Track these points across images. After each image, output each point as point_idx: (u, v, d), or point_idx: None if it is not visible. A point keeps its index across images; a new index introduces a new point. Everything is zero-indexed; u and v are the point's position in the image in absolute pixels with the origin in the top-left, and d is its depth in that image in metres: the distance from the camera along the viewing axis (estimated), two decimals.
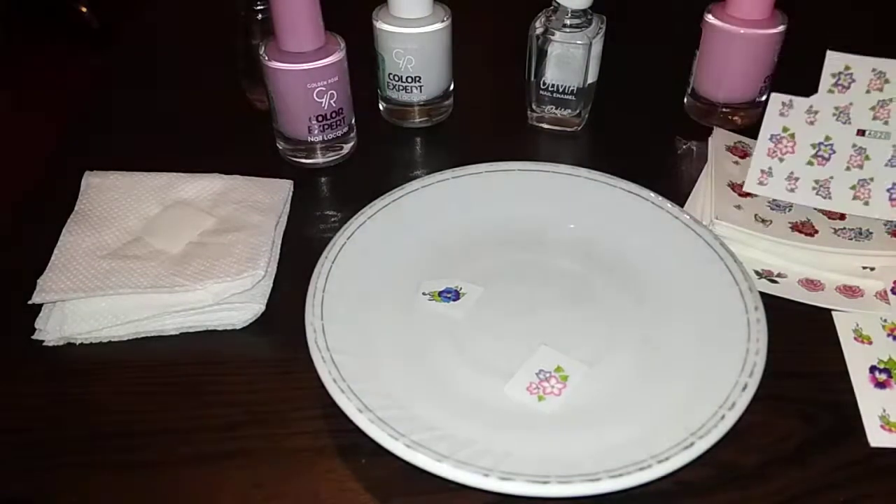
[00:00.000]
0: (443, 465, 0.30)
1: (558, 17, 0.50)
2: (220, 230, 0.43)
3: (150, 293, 0.39)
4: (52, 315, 0.38)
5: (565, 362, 0.37)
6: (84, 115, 0.57)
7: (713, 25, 0.51)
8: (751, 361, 0.34)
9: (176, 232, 0.42)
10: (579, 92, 0.52)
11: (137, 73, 0.63)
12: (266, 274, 0.40)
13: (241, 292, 0.39)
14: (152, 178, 0.46)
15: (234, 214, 0.44)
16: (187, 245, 0.42)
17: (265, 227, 0.43)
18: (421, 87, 0.52)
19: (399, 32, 0.50)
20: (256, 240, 0.42)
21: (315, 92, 0.47)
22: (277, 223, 0.44)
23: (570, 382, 0.36)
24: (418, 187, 0.45)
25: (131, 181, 0.46)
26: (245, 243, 0.41)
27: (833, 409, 0.36)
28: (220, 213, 0.44)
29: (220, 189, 0.46)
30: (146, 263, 0.40)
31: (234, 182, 0.46)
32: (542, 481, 0.30)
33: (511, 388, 0.36)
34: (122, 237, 0.42)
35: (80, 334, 0.38)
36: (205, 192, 0.46)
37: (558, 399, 0.35)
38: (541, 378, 0.36)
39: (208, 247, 0.41)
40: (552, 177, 0.46)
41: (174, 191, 0.46)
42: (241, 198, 0.45)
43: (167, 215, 0.44)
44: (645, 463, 0.30)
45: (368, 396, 0.33)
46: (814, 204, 0.43)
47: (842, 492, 0.33)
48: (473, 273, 0.42)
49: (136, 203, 0.44)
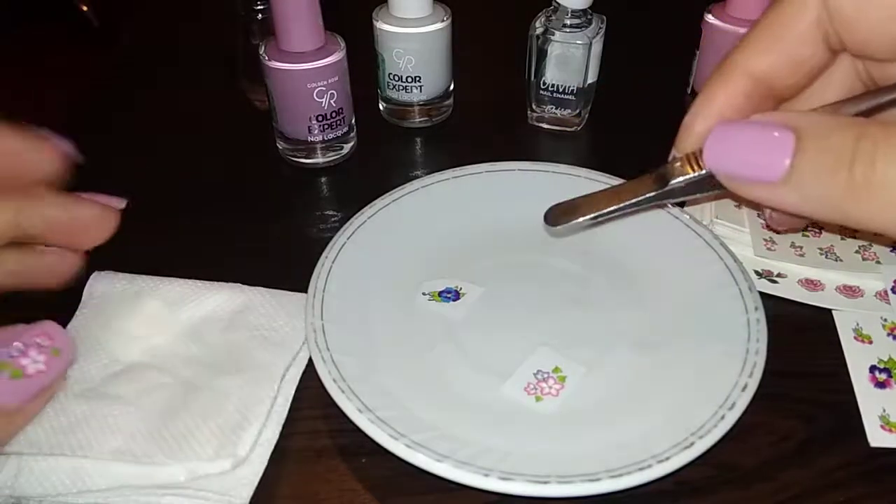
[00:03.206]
0: (443, 465, 0.30)
1: (558, 17, 0.50)
2: (219, 366, 0.36)
3: (115, 464, 0.32)
4: (6, 466, 0.31)
5: (563, 363, 0.37)
6: (84, 115, 0.57)
7: (713, 25, 0.51)
8: (751, 361, 0.34)
9: (172, 364, 0.36)
10: (579, 92, 0.52)
11: (137, 73, 0.63)
12: (248, 457, 0.32)
13: (219, 473, 0.32)
14: (166, 287, 0.39)
15: (243, 345, 0.37)
16: (179, 385, 0.35)
17: (272, 372, 0.35)
18: (421, 87, 0.52)
19: (399, 32, 0.50)
20: (255, 392, 0.34)
21: (315, 92, 0.47)
22: (290, 364, 0.36)
23: (567, 383, 0.36)
24: (418, 187, 0.45)
25: (140, 290, 0.39)
26: (240, 396, 0.34)
27: (833, 409, 0.36)
28: (229, 338, 0.37)
29: (240, 306, 0.39)
30: (125, 409, 0.33)
31: (257, 298, 0.39)
32: (542, 481, 0.30)
33: (509, 387, 0.36)
34: (110, 366, 0.36)
35: (32, 497, 0.31)
36: (221, 310, 0.38)
37: (556, 400, 0.35)
38: (539, 378, 0.36)
39: (199, 394, 0.34)
40: (552, 177, 0.46)
41: (187, 307, 0.38)
42: (259, 322, 0.38)
43: (167, 343, 0.37)
44: (645, 463, 0.30)
45: (368, 396, 0.33)
46: (827, 267, 0.42)
47: (842, 492, 0.33)
48: (473, 273, 0.42)
49: (139, 324, 0.38)
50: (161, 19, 0.71)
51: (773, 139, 0.25)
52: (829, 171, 0.24)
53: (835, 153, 0.24)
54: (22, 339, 0.31)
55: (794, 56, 0.29)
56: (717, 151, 0.28)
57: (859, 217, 0.24)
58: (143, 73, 0.63)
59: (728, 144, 0.27)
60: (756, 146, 0.26)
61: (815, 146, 0.25)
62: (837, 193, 0.24)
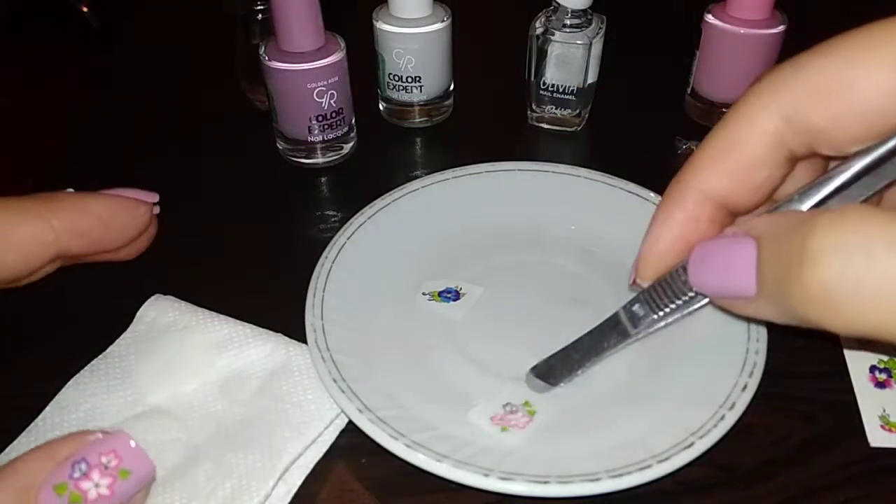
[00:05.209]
0: (443, 465, 0.30)
1: (558, 17, 0.50)
2: (233, 437, 0.33)
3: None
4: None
5: (534, 397, 0.35)
6: (84, 115, 0.57)
7: (713, 25, 0.51)
8: (751, 361, 0.34)
9: (192, 419, 0.34)
10: (579, 92, 0.52)
11: (137, 73, 0.63)
12: None
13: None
14: (215, 326, 0.37)
15: (265, 418, 0.34)
16: (188, 449, 0.33)
17: (280, 459, 0.32)
18: (421, 87, 0.52)
19: (399, 32, 0.50)
20: (252, 484, 0.31)
21: (315, 92, 0.47)
22: (301, 454, 0.33)
23: (536, 418, 0.34)
24: (418, 187, 0.45)
25: (188, 325, 0.37)
26: (236, 485, 0.31)
27: (833, 409, 0.36)
28: (255, 405, 0.35)
29: (278, 366, 0.36)
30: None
31: (297, 360, 0.36)
32: (542, 481, 0.30)
33: (475, 416, 0.34)
34: (132, 405, 0.35)
35: None
36: (258, 366, 0.36)
37: (522, 432, 0.33)
38: (507, 410, 0.34)
39: (201, 467, 0.32)
40: (552, 177, 0.46)
41: (229, 353, 0.37)
42: (289, 392, 0.35)
43: (195, 392, 0.35)
44: (645, 463, 0.30)
45: (368, 396, 0.33)
46: None
47: (842, 492, 0.33)
48: (473, 273, 0.42)
49: (174, 364, 0.36)
50: (161, 19, 0.71)
51: (740, 252, 0.24)
52: (784, 279, 0.21)
53: (785, 259, 0.21)
54: (88, 457, 0.27)
55: (749, 181, 0.26)
56: (697, 273, 0.26)
57: (834, 326, 0.21)
58: (142, 73, 0.63)
59: (705, 265, 0.26)
60: (727, 262, 0.24)
61: (770, 254, 0.23)
62: (799, 303, 0.21)
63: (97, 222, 0.31)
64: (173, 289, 0.39)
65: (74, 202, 0.31)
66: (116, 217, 0.32)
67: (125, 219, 0.32)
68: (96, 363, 0.36)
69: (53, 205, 0.30)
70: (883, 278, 0.19)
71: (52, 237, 0.29)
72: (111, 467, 0.28)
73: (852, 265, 0.19)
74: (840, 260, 0.20)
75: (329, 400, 0.34)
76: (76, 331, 0.37)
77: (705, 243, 0.26)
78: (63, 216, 0.30)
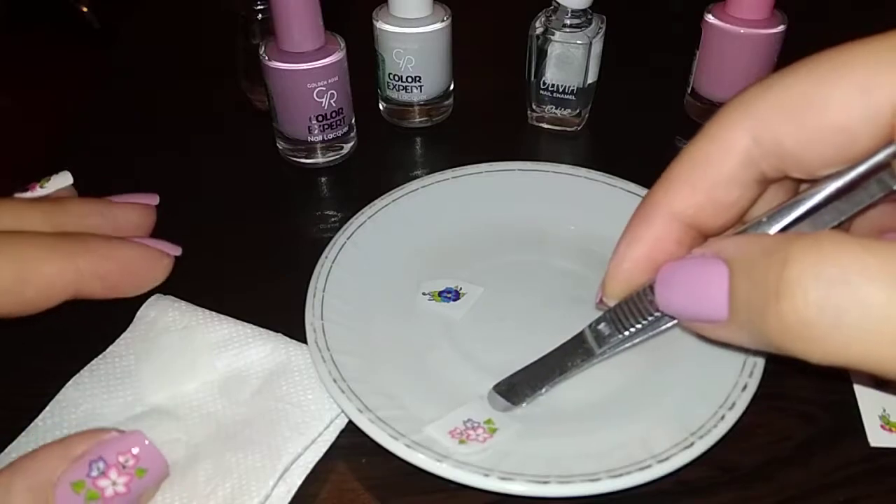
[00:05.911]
0: (443, 464, 0.30)
1: (558, 17, 0.50)
2: (232, 437, 0.33)
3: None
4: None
5: (497, 416, 0.34)
6: (84, 115, 0.57)
7: (713, 25, 0.51)
8: (751, 361, 0.34)
9: (192, 418, 0.34)
10: (579, 92, 0.52)
11: (137, 73, 0.63)
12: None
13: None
14: (215, 326, 0.37)
15: (265, 417, 0.34)
16: (188, 449, 0.33)
17: (280, 459, 0.32)
18: (421, 86, 0.52)
19: (399, 32, 0.50)
20: (252, 484, 0.31)
21: (315, 92, 0.47)
22: (300, 454, 0.33)
23: (497, 435, 0.33)
24: (418, 187, 0.45)
25: (189, 325, 0.37)
26: (237, 484, 0.31)
27: (833, 409, 0.36)
28: (254, 405, 0.35)
29: (278, 366, 0.36)
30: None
31: (297, 360, 0.36)
32: (542, 481, 0.30)
33: (433, 429, 0.33)
34: (132, 406, 0.34)
35: None
36: (259, 367, 0.36)
37: (482, 445, 0.33)
38: (467, 426, 0.33)
39: (200, 466, 0.32)
40: (552, 177, 0.46)
41: (229, 353, 0.36)
42: (289, 392, 0.35)
43: (195, 392, 0.35)
44: (645, 463, 0.30)
45: (368, 396, 0.33)
46: None
47: (842, 492, 0.33)
48: (473, 273, 0.42)
49: (175, 364, 0.36)
50: (161, 19, 0.71)
51: (709, 275, 0.23)
52: (760, 308, 0.21)
53: (762, 287, 0.20)
54: (105, 456, 0.28)
55: (719, 200, 0.26)
56: (664, 294, 0.25)
57: (811, 357, 0.21)
58: (142, 73, 0.63)
59: (671, 286, 0.25)
60: (695, 284, 0.23)
61: (742, 281, 0.22)
62: (775, 333, 0.21)
63: (119, 268, 0.31)
64: (173, 289, 0.39)
65: (100, 245, 0.31)
66: (138, 265, 0.32)
67: (145, 269, 0.32)
68: (96, 363, 0.36)
69: (81, 246, 0.30)
70: (862, 310, 0.19)
71: (75, 277, 0.29)
72: (129, 466, 0.28)
73: (831, 296, 0.19)
74: (819, 291, 0.19)
75: (329, 400, 0.34)
76: (76, 331, 0.37)
77: (672, 263, 0.25)
78: (90, 259, 0.30)
